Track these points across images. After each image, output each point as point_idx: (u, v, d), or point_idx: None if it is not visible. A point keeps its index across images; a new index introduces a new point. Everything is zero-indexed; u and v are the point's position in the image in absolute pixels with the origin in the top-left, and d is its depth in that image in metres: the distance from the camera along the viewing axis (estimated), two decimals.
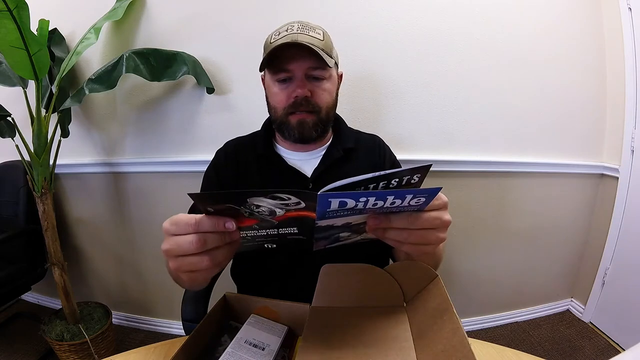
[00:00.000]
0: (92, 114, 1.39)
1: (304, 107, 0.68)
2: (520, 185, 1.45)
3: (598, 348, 1.42)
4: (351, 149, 0.77)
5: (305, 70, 0.67)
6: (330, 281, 0.54)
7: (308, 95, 0.67)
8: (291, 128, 0.70)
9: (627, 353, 0.40)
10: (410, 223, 0.40)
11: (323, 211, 0.35)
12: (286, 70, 0.67)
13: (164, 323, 1.60)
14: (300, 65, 0.66)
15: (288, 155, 0.76)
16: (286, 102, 0.69)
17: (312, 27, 0.69)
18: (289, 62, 0.66)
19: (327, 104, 0.71)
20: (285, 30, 0.67)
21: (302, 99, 0.67)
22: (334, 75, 0.72)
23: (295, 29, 0.67)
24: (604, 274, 1.51)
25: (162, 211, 1.41)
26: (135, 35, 1.27)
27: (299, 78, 0.67)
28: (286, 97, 0.68)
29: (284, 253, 0.72)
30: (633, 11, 1.30)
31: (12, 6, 0.87)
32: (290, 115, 0.69)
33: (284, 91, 0.68)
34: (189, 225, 0.37)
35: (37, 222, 1.22)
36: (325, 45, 0.68)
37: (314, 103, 0.69)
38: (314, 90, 0.68)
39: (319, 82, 0.69)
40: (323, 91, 0.69)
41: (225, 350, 0.47)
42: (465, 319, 1.57)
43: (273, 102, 0.72)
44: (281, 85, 0.69)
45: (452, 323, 0.42)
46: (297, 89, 0.67)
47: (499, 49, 1.29)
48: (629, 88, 1.36)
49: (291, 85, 0.68)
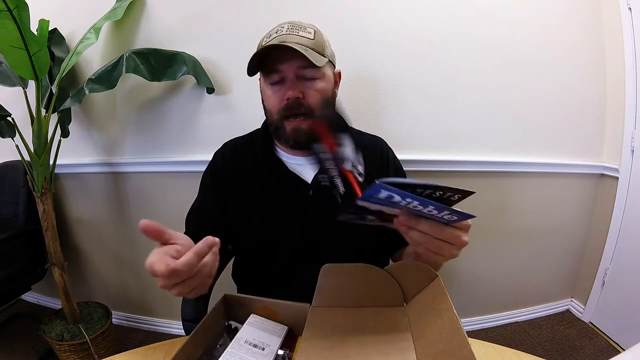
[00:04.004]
0: (92, 114, 1.39)
1: (297, 109, 0.66)
2: (520, 185, 1.45)
3: (598, 348, 1.42)
4: None
5: (296, 71, 0.65)
6: (330, 281, 0.54)
7: (300, 96, 0.65)
8: (286, 135, 0.68)
9: (627, 353, 0.40)
10: (435, 232, 0.44)
11: (370, 195, 0.39)
12: (277, 71, 0.66)
13: (164, 323, 1.60)
14: (290, 66, 0.65)
15: (288, 160, 0.74)
16: (279, 105, 0.67)
17: (302, 27, 0.67)
18: (278, 63, 0.65)
19: (320, 103, 0.69)
20: (276, 32, 0.67)
21: (293, 101, 0.65)
22: (328, 74, 0.70)
23: (285, 29, 0.66)
24: (604, 274, 1.51)
25: (162, 211, 1.41)
26: (135, 35, 1.27)
27: (289, 79, 0.66)
28: (279, 99, 0.67)
29: (285, 254, 0.71)
30: (633, 11, 1.30)
31: (12, 6, 0.87)
32: (285, 121, 0.68)
33: (277, 94, 0.67)
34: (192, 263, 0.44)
35: (37, 222, 1.23)
36: (316, 44, 0.66)
37: (307, 105, 0.66)
38: (305, 91, 0.66)
39: (311, 82, 0.67)
40: (316, 91, 0.67)
41: (225, 350, 0.47)
42: (465, 319, 1.57)
43: (268, 106, 0.71)
44: (274, 87, 0.68)
45: (452, 323, 0.42)
46: (288, 91, 0.65)
47: (499, 49, 1.29)
48: (629, 88, 1.36)
49: (283, 87, 0.67)
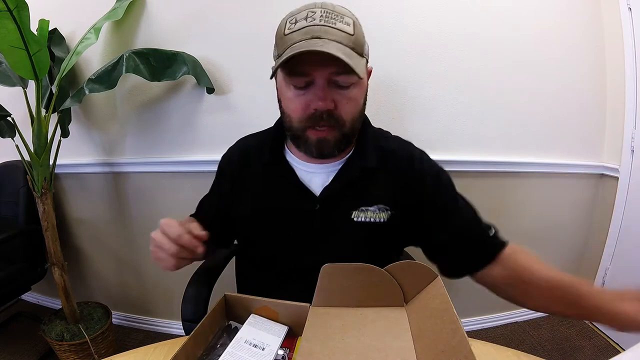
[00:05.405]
0: (92, 114, 1.39)
1: (325, 121, 0.55)
2: (520, 185, 1.44)
3: (598, 348, 1.42)
4: (372, 169, 0.65)
5: (328, 77, 0.53)
6: (330, 281, 0.54)
7: (331, 107, 0.54)
8: (309, 145, 0.58)
9: (626, 353, 0.40)
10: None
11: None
12: (305, 75, 0.53)
13: (164, 323, 1.60)
14: (323, 72, 0.52)
15: (299, 165, 0.66)
16: (302, 113, 0.56)
17: (339, 15, 0.53)
18: (308, 66, 0.52)
19: (353, 115, 0.58)
20: (305, 18, 0.52)
21: (323, 113, 0.54)
22: (363, 77, 0.56)
23: (318, 18, 0.51)
24: (604, 274, 1.51)
25: (162, 211, 1.41)
26: (135, 35, 1.27)
27: (319, 86, 0.53)
28: (303, 106, 0.55)
29: (285, 263, 0.69)
30: (633, 11, 1.30)
31: (12, 6, 0.87)
32: (308, 130, 0.57)
33: (301, 98, 0.55)
34: (175, 234, 0.51)
35: (37, 222, 1.22)
36: (356, 42, 0.53)
37: (337, 116, 0.56)
38: (337, 100, 0.55)
39: (344, 90, 0.55)
40: (348, 101, 0.56)
41: (225, 350, 0.47)
42: (465, 319, 1.57)
43: (288, 110, 0.58)
44: (297, 90, 0.55)
45: (452, 323, 0.42)
46: (317, 101, 0.54)
47: (499, 49, 1.29)
48: (629, 88, 1.35)
49: (310, 92, 0.55)
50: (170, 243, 0.50)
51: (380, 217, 0.64)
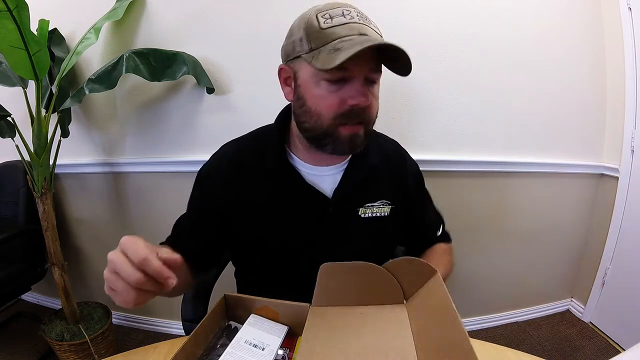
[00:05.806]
0: (92, 114, 1.39)
1: (359, 117, 0.55)
2: (520, 185, 1.45)
3: (598, 348, 1.42)
4: (376, 167, 0.67)
5: (367, 73, 0.53)
6: (330, 280, 0.54)
7: (369, 104, 0.54)
8: (340, 141, 0.56)
9: (627, 353, 0.40)
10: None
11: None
12: (345, 69, 0.51)
13: (164, 323, 1.60)
14: (363, 68, 0.52)
15: (305, 169, 0.64)
16: (338, 109, 0.54)
17: (366, 17, 0.54)
18: (351, 60, 0.48)
19: (376, 112, 0.60)
20: (341, 15, 0.51)
21: (360, 109, 0.54)
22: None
23: (355, 17, 0.52)
24: (604, 274, 1.51)
25: (162, 211, 1.41)
26: (135, 35, 1.27)
27: (359, 82, 0.53)
28: (338, 103, 0.53)
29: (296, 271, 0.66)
30: (633, 11, 1.30)
31: (12, 6, 0.87)
32: (341, 127, 0.55)
33: (335, 94, 0.53)
34: (139, 257, 0.39)
35: (37, 222, 1.22)
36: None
37: (369, 113, 0.56)
38: (371, 97, 0.55)
39: (372, 86, 0.56)
40: (375, 98, 0.57)
41: (225, 350, 0.47)
42: (465, 319, 1.57)
43: (317, 107, 0.55)
44: (331, 86, 0.53)
45: (451, 318, 0.42)
46: (359, 97, 0.52)
47: (499, 49, 1.29)
48: (629, 88, 1.36)
49: (346, 88, 0.53)
50: (133, 269, 0.39)
51: (384, 211, 0.68)
